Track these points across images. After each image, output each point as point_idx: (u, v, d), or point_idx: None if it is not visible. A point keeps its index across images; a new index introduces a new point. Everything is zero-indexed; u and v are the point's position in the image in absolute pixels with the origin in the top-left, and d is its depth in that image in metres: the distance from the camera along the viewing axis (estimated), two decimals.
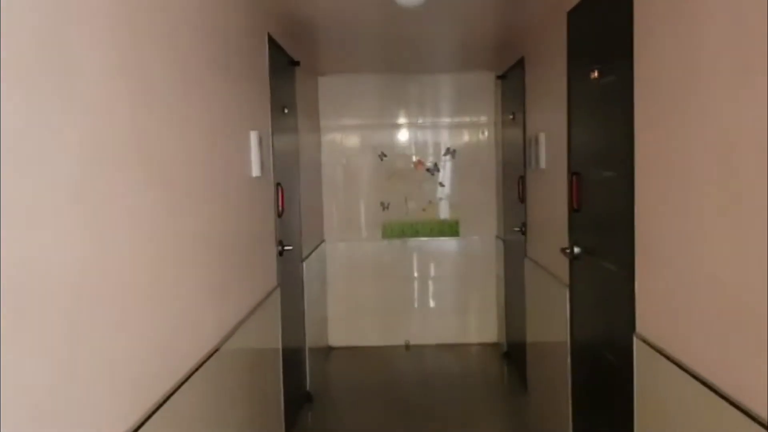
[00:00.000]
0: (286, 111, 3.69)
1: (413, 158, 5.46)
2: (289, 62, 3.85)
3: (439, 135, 5.46)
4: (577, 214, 2.91)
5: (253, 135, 2.81)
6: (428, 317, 5.49)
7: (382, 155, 5.43)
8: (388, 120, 5.45)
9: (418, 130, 5.46)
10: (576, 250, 2.92)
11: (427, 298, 5.53)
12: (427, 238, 5.47)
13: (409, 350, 5.39)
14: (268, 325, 3.02)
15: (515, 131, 4.38)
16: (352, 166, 5.44)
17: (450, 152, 5.45)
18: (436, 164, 5.46)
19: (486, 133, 5.43)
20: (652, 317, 2.11)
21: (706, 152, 1.67)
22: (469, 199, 5.43)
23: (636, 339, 2.20)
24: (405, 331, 5.46)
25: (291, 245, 3.56)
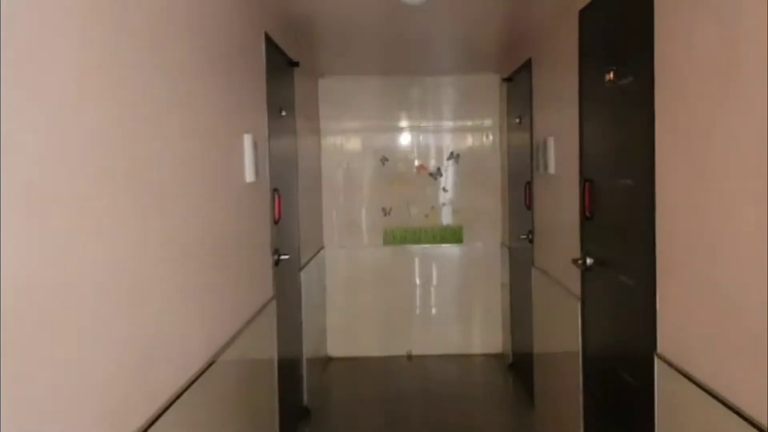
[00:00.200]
0: (284, 113, 3.54)
1: (416, 162, 5.31)
2: (287, 63, 3.71)
3: (442, 139, 5.31)
4: (590, 223, 2.76)
5: (247, 138, 2.66)
6: (431, 327, 5.33)
7: (384, 159, 5.28)
8: (390, 123, 5.30)
9: (420, 134, 5.31)
10: (588, 261, 2.76)
11: (430, 306, 5.37)
12: (430, 245, 5.32)
13: (411, 361, 5.23)
14: (263, 340, 2.86)
15: (522, 135, 4.23)
16: (353, 170, 5.29)
17: (453, 156, 5.29)
18: (439, 169, 5.31)
19: (490, 136, 5.27)
20: (676, 337, 1.95)
21: (741, 159, 1.52)
22: (473, 205, 5.27)
23: (657, 359, 2.04)
24: (407, 340, 5.30)
25: (288, 254, 3.41)
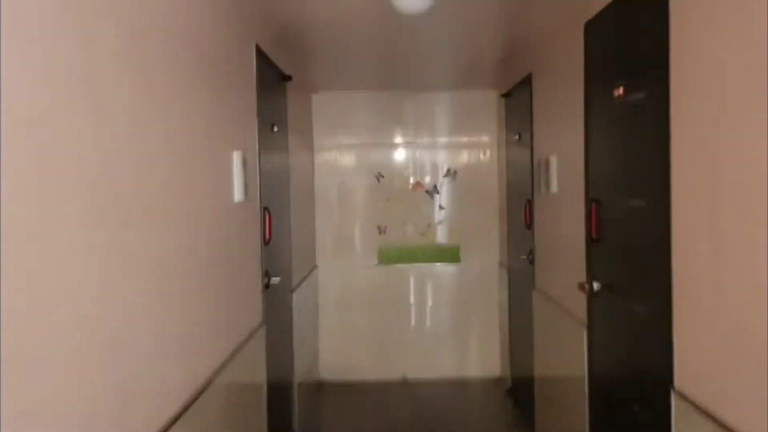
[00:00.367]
0: (276, 129, 3.41)
1: (411, 179, 5.18)
2: (280, 77, 3.58)
3: (438, 155, 5.18)
4: (597, 246, 2.62)
5: (236, 156, 2.52)
6: (427, 349, 5.15)
7: (379, 176, 5.14)
8: (386, 139, 5.17)
9: (416, 150, 5.18)
10: (595, 286, 2.62)
11: (426, 328, 5.20)
12: (426, 264, 5.17)
13: (406, 385, 5.05)
14: (251, 369, 2.70)
15: (521, 152, 4.11)
16: (348, 188, 5.15)
17: (450, 173, 5.16)
18: (436, 186, 5.17)
19: (488, 153, 5.15)
20: (696, 372, 1.81)
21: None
22: (471, 223, 5.13)
23: (674, 394, 1.89)
24: (402, 363, 5.12)
25: (279, 276, 3.25)
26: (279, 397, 3.40)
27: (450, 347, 5.16)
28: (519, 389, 4.46)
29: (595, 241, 2.62)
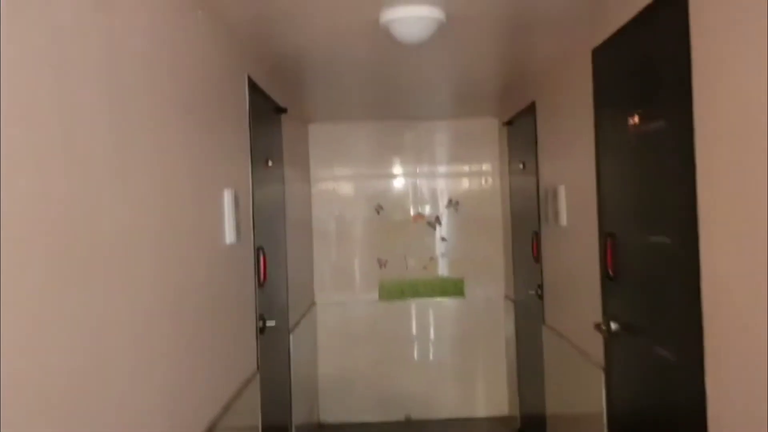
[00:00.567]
0: (271, 163, 3.26)
1: (412, 210, 5.02)
2: (274, 109, 3.45)
3: (439, 185, 5.03)
4: (613, 284, 2.46)
5: (227, 194, 2.36)
6: (431, 388, 4.94)
7: (379, 208, 4.99)
8: (385, 170, 5.03)
9: (416, 181, 5.04)
10: (613, 327, 2.45)
11: (430, 366, 4.99)
12: (429, 299, 4.98)
13: (409, 426, 4.82)
14: (245, 422, 2.51)
15: (526, 182, 3.96)
16: (346, 220, 4.99)
17: (452, 204, 5.01)
18: (438, 217, 5.02)
19: (490, 183, 5.00)
20: (731, 424, 1.63)
21: None
22: (475, 256, 4.96)
23: None
24: (405, 403, 4.90)
25: (274, 319, 3.07)
26: None
27: (455, 385, 4.95)
28: (529, 430, 4.24)
29: (611, 278, 2.46)
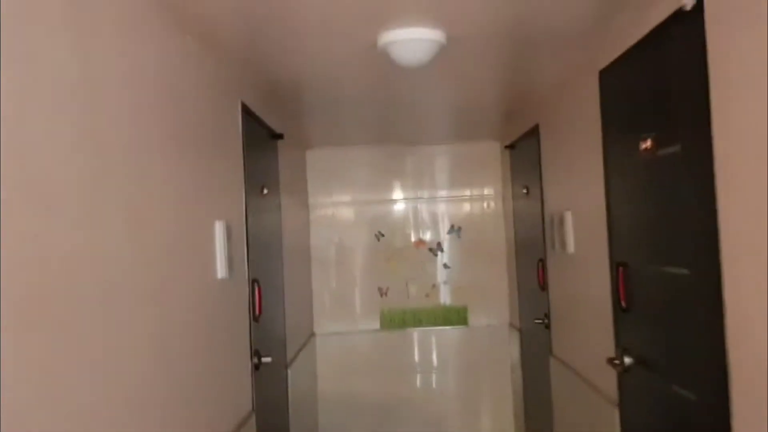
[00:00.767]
0: (266, 191, 3.15)
1: (413, 236, 4.90)
2: (270, 135, 3.35)
3: (441, 211, 4.91)
4: (626, 315, 2.33)
5: (219, 226, 2.25)
6: (435, 420, 4.75)
7: (379, 234, 4.86)
8: (385, 195, 4.92)
9: (417, 206, 4.92)
10: (627, 361, 2.31)
11: (433, 397, 4.82)
12: (432, 328, 4.83)
13: None
14: None
15: (530, 207, 3.85)
16: (346, 247, 4.86)
17: (454, 230, 4.89)
18: (439, 243, 4.89)
19: (493, 207, 4.89)
20: None
21: None
22: (478, 283, 4.82)
23: None
24: None
25: (271, 355, 2.93)
26: None
27: (460, 417, 4.77)
28: None
29: (623, 309, 2.33)
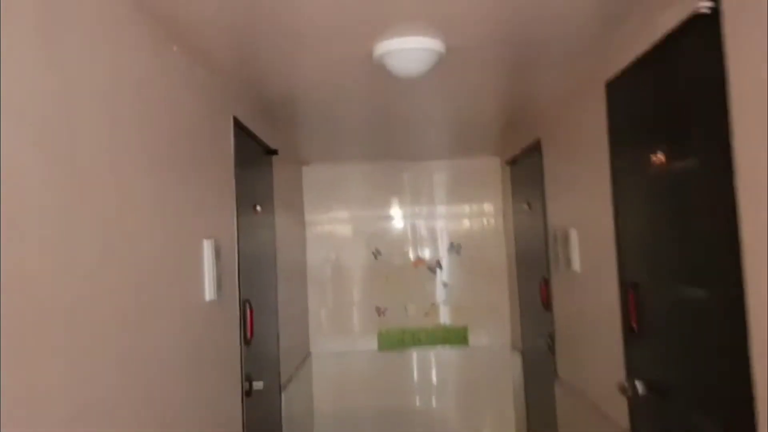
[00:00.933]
0: (260, 209, 3.04)
1: (411, 254, 4.78)
2: (264, 151, 3.24)
3: (440, 228, 4.80)
4: (637, 339, 2.20)
5: (207, 246, 2.13)
6: None
7: (377, 252, 4.75)
8: (383, 212, 4.80)
9: (416, 223, 4.80)
10: (639, 388, 2.18)
11: (433, 420, 4.67)
12: (431, 348, 4.69)
13: None
14: None
15: (532, 224, 3.73)
16: (343, 266, 4.74)
17: (454, 247, 4.77)
18: (438, 261, 4.77)
19: (493, 224, 4.77)
20: None
21: None
22: (478, 302, 4.69)
23: None
24: None
25: (263, 380, 2.79)
26: None
27: None
28: None
29: (634, 332, 2.21)
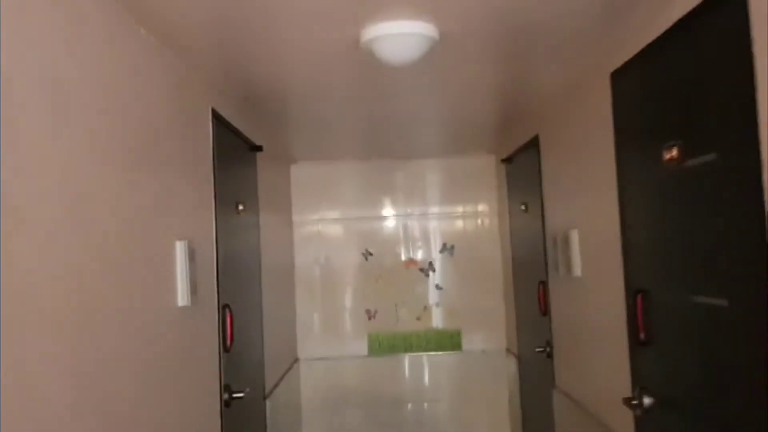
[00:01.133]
0: (242, 208, 2.86)
1: (403, 256, 4.61)
2: (248, 147, 3.07)
3: (433, 228, 4.63)
4: (645, 349, 2.05)
5: (180, 247, 1.96)
6: None
7: (367, 253, 4.57)
8: (374, 212, 4.63)
9: (407, 224, 4.63)
10: (646, 402, 2.02)
11: (425, 428, 4.49)
12: (423, 353, 4.53)
13: None
14: None
15: (530, 225, 3.58)
16: (332, 268, 4.56)
17: (447, 248, 4.61)
18: (431, 263, 4.60)
19: (488, 225, 4.61)
20: None
21: None
22: (473, 305, 4.52)
23: None
24: None
25: (245, 388, 2.61)
26: None
27: None
28: None
29: (642, 342, 2.05)
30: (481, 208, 4.63)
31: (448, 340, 4.53)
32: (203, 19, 1.80)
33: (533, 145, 3.34)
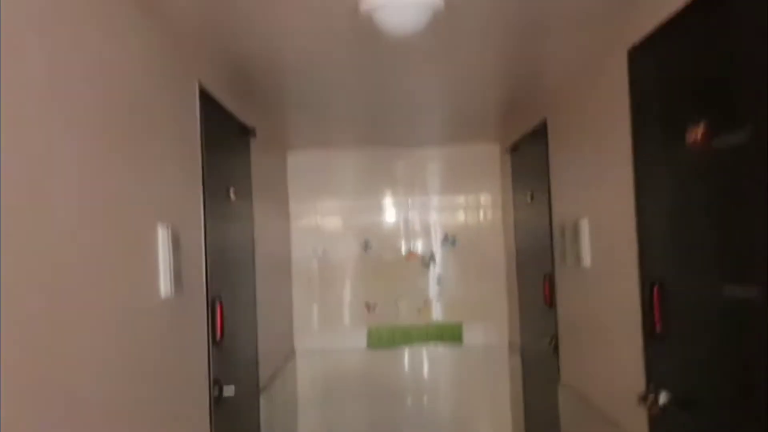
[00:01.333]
0: (234, 195, 2.72)
1: (403, 248, 4.47)
2: (240, 130, 2.92)
3: (434, 219, 4.49)
4: (662, 344, 1.91)
5: (162, 232, 1.82)
6: None
7: (367, 245, 4.44)
8: (373, 202, 4.49)
9: (408, 215, 4.49)
10: (662, 399, 1.89)
11: (425, 423, 4.37)
12: (424, 347, 4.40)
13: None
14: None
15: (535, 215, 3.44)
16: (330, 259, 4.43)
17: (448, 240, 4.47)
18: (433, 255, 4.47)
19: (491, 216, 4.47)
20: None
21: None
22: (474, 298, 4.40)
23: None
24: None
25: (237, 383, 2.49)
26: None
27: None
28: None
29: (657, 336, 1.92)
30: (484, 198, 4.49)
31: (449, 334, 4.40)
32: None
33: (541, 130, 3.19)
